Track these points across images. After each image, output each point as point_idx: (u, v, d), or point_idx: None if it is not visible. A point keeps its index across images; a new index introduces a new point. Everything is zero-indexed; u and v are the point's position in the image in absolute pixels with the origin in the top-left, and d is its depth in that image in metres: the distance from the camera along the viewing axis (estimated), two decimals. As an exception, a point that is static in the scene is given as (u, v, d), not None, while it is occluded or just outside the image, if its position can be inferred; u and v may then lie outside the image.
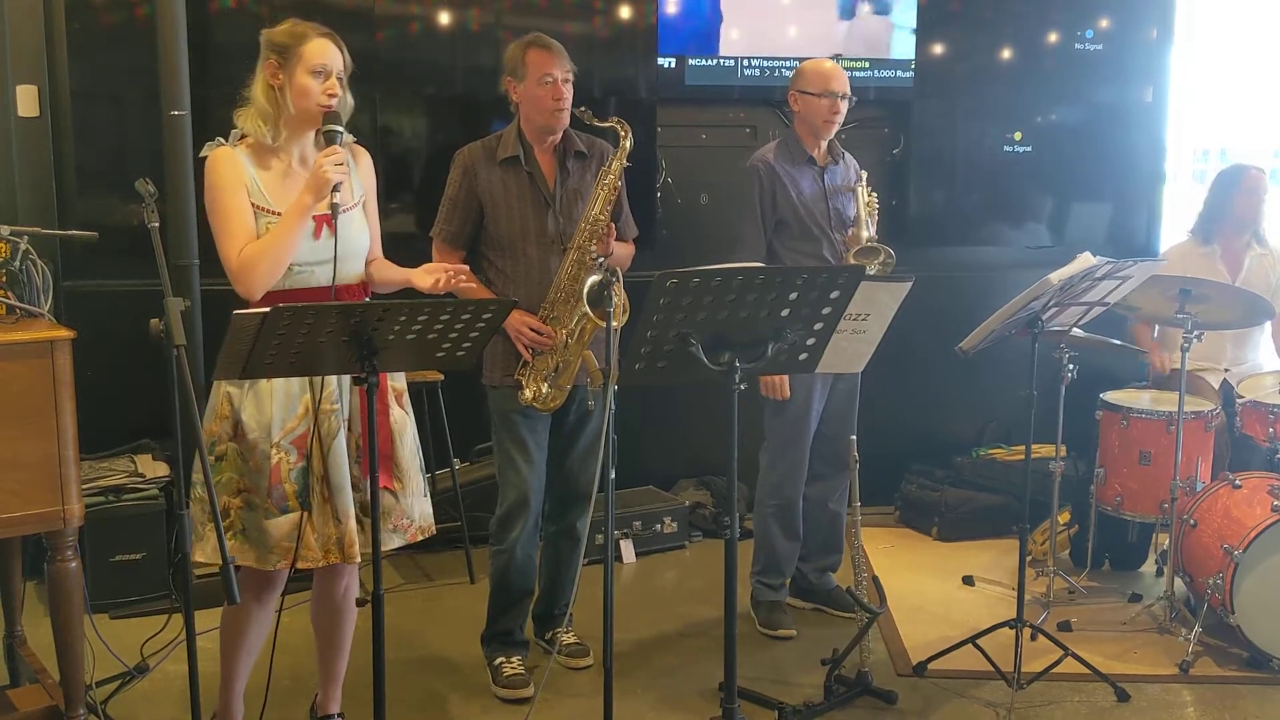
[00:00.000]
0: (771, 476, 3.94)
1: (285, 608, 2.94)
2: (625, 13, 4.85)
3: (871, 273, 3.58)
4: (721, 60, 4.97)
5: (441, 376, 4.27)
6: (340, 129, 2.72)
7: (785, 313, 2.56)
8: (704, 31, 4.92)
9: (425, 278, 2.84)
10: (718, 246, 3.89)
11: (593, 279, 3.21)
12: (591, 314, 3.22)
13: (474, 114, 4.66)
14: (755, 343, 2.59)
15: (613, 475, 2.75)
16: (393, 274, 2.93)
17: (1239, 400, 4.10)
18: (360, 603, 4.01)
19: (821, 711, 3.35)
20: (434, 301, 2.46)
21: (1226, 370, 4.55)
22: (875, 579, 3.62)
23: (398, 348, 2.47)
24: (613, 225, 3.31)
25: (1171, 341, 4.47)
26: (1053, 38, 5.27)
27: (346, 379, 2.76)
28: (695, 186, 5.10)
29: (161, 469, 4.15)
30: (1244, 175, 4.55)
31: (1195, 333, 3.82)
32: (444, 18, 4.70)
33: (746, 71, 4.99)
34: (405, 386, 2.95)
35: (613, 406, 2.72)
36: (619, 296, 2.88)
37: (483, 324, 2.52)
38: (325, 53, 2.72)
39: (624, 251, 3.46)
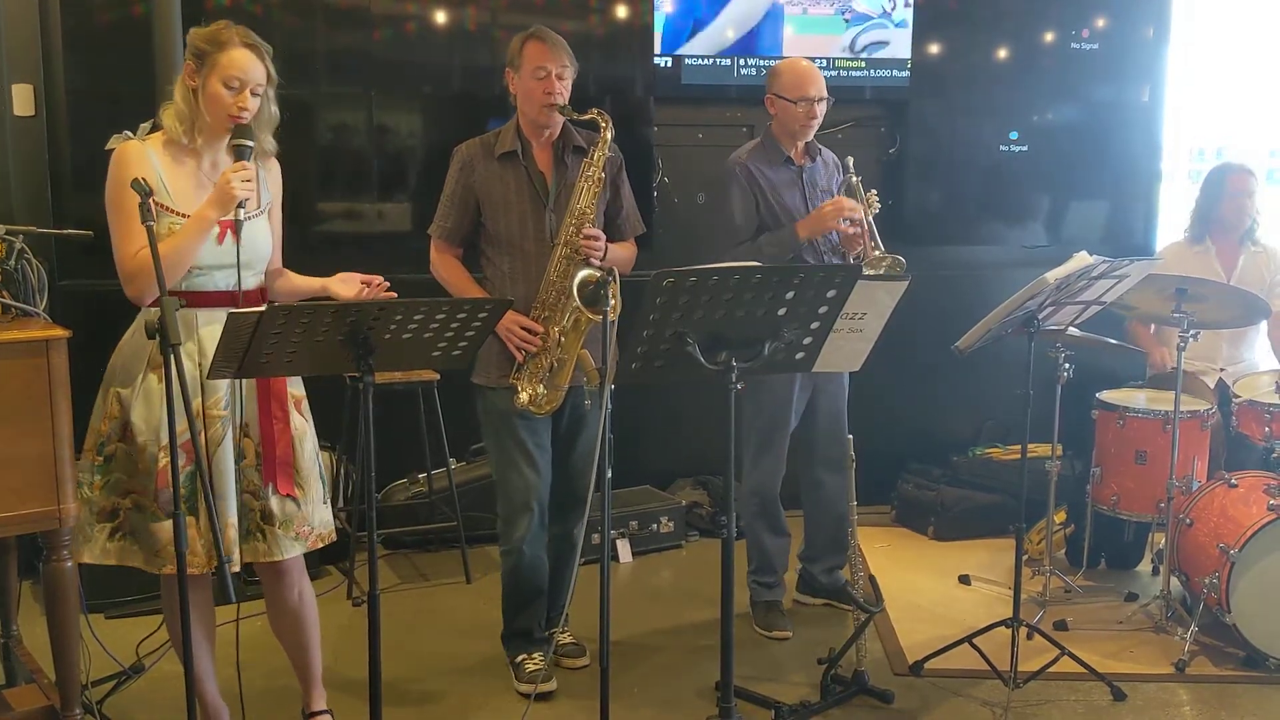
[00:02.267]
0: (754, 476, 3.94)
1: (247, 615, 2.93)
2: (622, 12, 4.85)
3: (880, 272, 3.59)
4: (718, 59, 4.97)
5: (437, 376, 4.26)
6: (249, 144, 2.68)
7: (782, 312, 2.56)
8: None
9: (344, 287, 2.80)
10: (711, 253, 3.86)
11: (582, 273, 3.19)
12: (584, 309, 3.19)
13: (471, 113, 4.65)
14: (752, 342, 2.58)
15: (609, 475, 2.74)
16: (300, 283, 2.91)
17: (1235, 400, 4.11)
18: (356, 603, 4.05)
19: (818, 711, 3.35)
20: (430, 300, 2.46)
21: (1222, 370, 4.55)
22: (872, 578, 3.62)
23: (393, 347, 2.47)
24: (600, 232, 3.28)
25: (1168, 341, 4.48)
26: (1049, 37, 5.27)
27: (243, 384, 2.73)
28: (692, 185, 5.10)
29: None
30: (1228, 177, 4.55)
31: (1191, 332, 3.82)
32: (440, 17, 4.70)
33: (743, 70, 4.99)
34: (304, 393, 2.92)
35: (609, 406, 2.72)
36: (599, 290, 2.82)
37: (479, 323, 2.52)
38: (242, 65, 2.67)
39: (622, 254, 3.43)
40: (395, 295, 2.80)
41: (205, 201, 2.66)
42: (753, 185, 3.75)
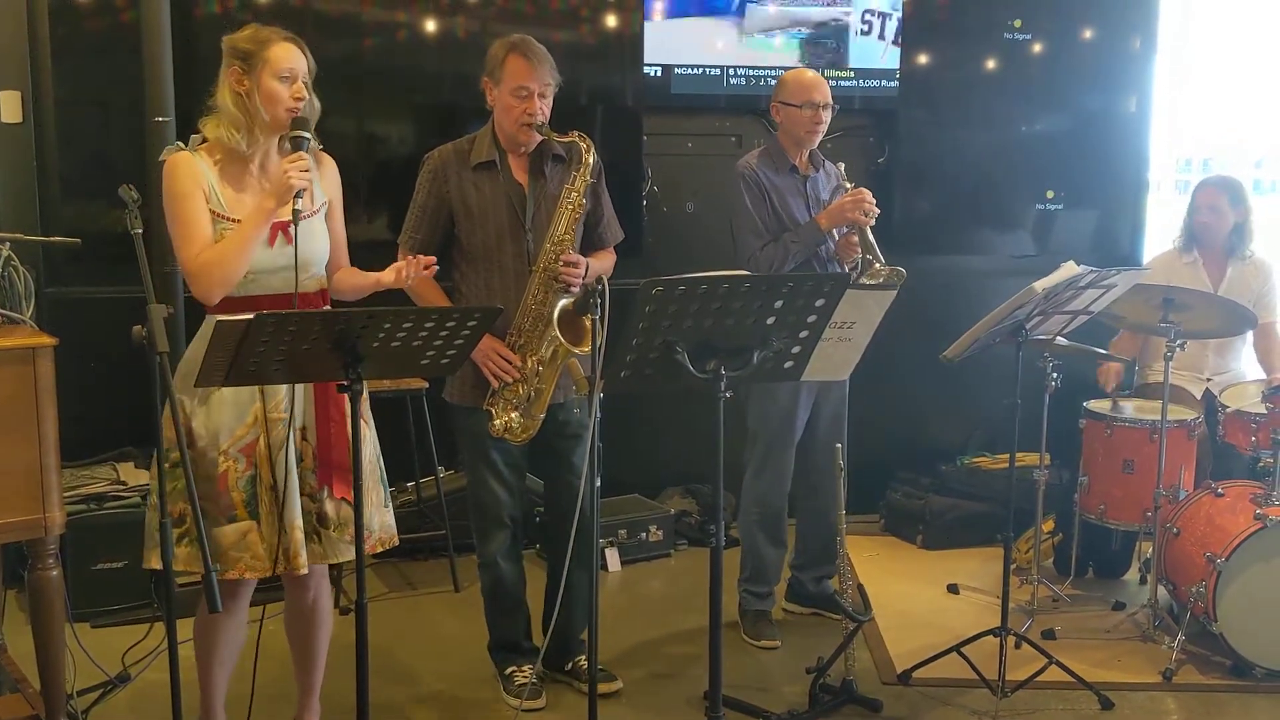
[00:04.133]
0: (757, 485, 3.94)
1: (269, 616, 2.92)
2: (611, 21, 4.86)
3: (879, 283, 3.59)
4: (707, 69, 4.98)
5: (426, 384, 4.25)
6: (308, 135, 2.70)
7: (771, 320, 2.56)
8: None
9: (391, 274, 2.81)
10: (723, 261, 3.83)
11: (563, 302, 3.14)
12: (563, 339, 3.14)
13: (460, 121, 4.64)
14: (741, 350, 2.59)
15: (598, 483, 2.74)
16: (361, 280, 2.91)
17: (1222, 409, 4.12)
18: (344, 611, 4.04)
19: (807, 720, 3.35)
20: (418, 309, 2.46)
21: (1209, 379, 4.56)
22: (860, 587, 3.63)
23: (382, 355, 2.46)
24: (580, 258, 3.21)
25: (1154, 350, 4.49)
26: (1036, 47, 5.29)
27: (300, 387, 2.74)
28: (681, 194, 5.11)
29: (143, 477, 4.12)
30: (1198, 190, 4.58)
31: (1178, 341, 3.83)
32: (430, 25, 4.70)
33: (732, 80, 5.00)
34: (365, 394, 2.87)
35: (599, 414, 2.71)
36: (588, 297, 2.75)
37: (468, 331, 2.51)
38: (291, 57, 2.70)
39: (601, 266, 3.35)
40: (435, 268, 2.81)
41: (263, 194, 2.67)
42: (761, 190, 3.76)
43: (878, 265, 3.65)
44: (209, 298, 2.67)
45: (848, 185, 3.77)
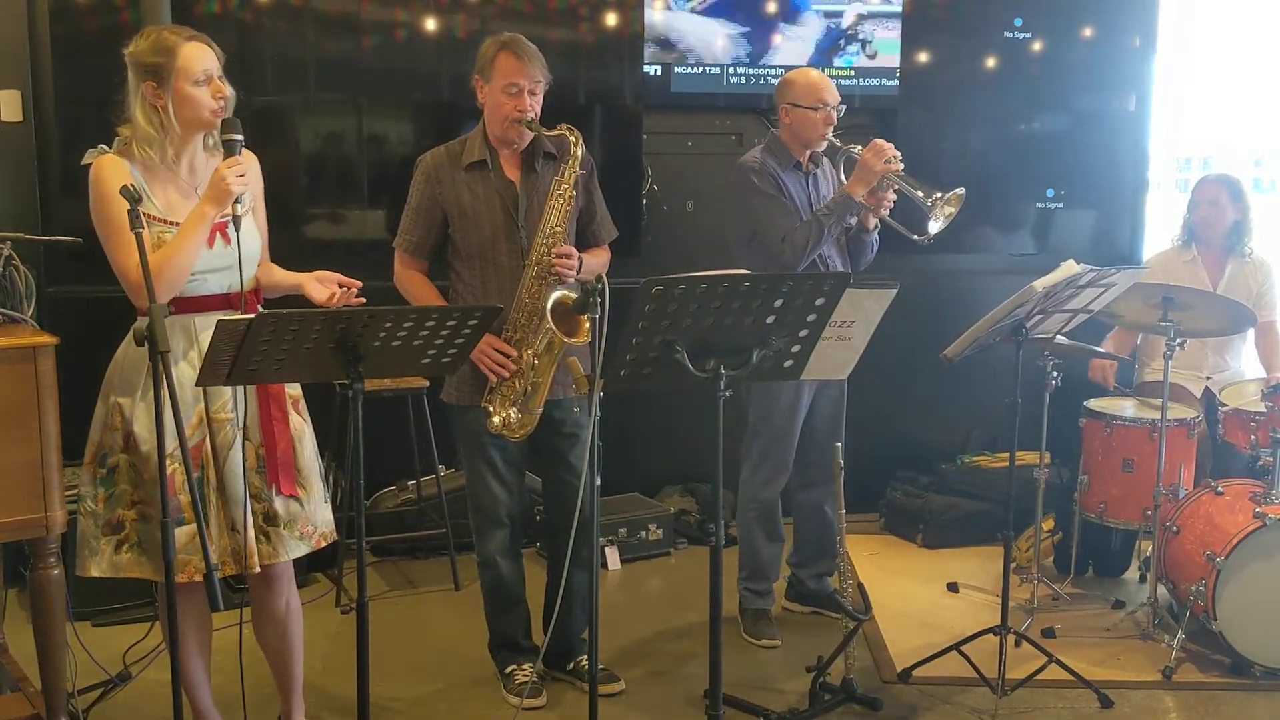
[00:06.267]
0: (753, 481, 3.94)
1: (246, 620, 2.92)
2: (611, 20, 4.86)
3: (949, 210, 3.57)
4: (707, 67, 4.98)
5: (426, 383, 4.26)
6: (238, 138, 2.63)
7: (770, 320, 2.56)
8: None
9: (318, 289, 2.79)
10: (723, 260, 3.80)
11: (556, 294, 3.15)
12: (557, 330, 3.15)
13: (459, 121, 4.65)
14: (741, 350, 2.59)
15: (598, 483, 2.74)
16: (281, 278, 2.90)
17: (1222, 408, 4.12)
18: (344, 610, 4.04)
19: (807, 718, 3.35)
20: (419, 308, 2.46)
21: (1208, 378, 4.57)
22: (860, 586, 3.62)
23: (383, 354, 2.46)
24: (573, 250, 3.23)
25: (1154, 349, 4.50)
26: (1036, 46, 5.29)
27: (241, 388, 2.71)
28: (681, 193, 5.10)
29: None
30: (1198, 185, 4.60)
31: (1178, 340, 3.84)
32: (430, 24, 4.70)
33: (732, 79, 5.01)
34: (300, 393, 2.91)
35: (598, 414, 2.71)
36: (588, 296, 2.75)
37: (468, 330, 2.52)
38: (202, 57, 2.64)
39: (596, 263, 3.36)
40: (364, 301, 2.76)
41: (201, 199, 2.64)
42: (776, 179, 3.74)
43: (938, 195, 3.59)
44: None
45: (856, 149, 3.73)
